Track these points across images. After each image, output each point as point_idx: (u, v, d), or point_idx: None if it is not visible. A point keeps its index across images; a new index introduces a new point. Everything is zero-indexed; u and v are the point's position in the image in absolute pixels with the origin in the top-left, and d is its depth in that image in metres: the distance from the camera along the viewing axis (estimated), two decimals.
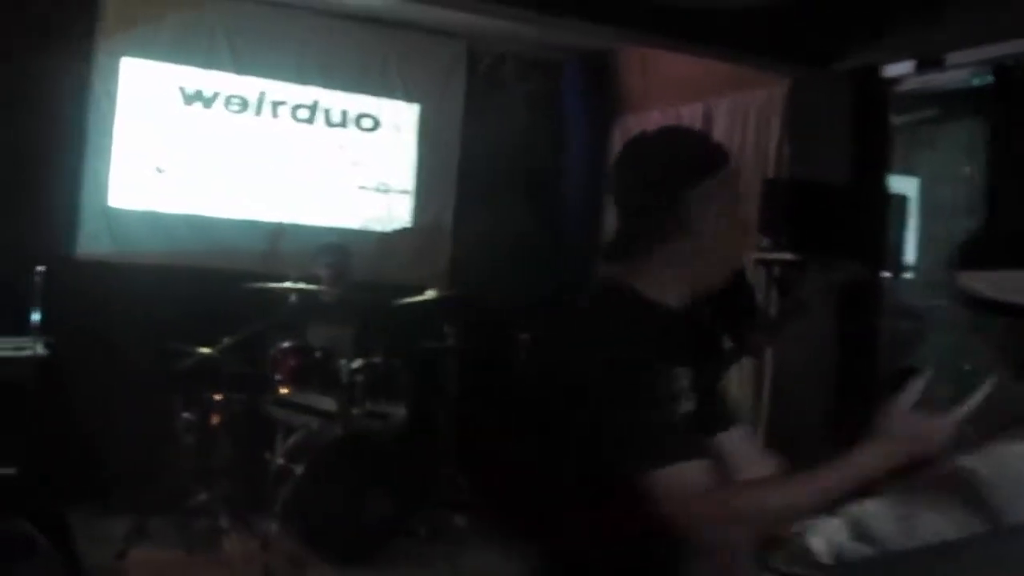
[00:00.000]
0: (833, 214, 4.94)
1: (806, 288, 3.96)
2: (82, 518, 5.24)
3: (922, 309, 7.75)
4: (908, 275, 7.62)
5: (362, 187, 6.61)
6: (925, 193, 7.72)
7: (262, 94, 6.33)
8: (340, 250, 5.76)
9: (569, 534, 2.01)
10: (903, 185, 7.34)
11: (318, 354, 5.30)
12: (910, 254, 7.58)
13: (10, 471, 4.59)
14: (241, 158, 6.28)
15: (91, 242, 5.93)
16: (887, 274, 5.72)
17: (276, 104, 6.37)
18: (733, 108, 5.73)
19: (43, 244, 5.57)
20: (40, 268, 4.72)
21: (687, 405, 1.88)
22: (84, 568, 4.61)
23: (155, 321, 5.48)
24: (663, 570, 1.95)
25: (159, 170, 6.08)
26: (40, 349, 4.87)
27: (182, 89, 6.14)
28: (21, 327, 4.90)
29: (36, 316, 4.71)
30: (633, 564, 1.93)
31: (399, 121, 6.71)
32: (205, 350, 5.04)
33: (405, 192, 6.73)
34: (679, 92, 6.20)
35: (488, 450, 6.05)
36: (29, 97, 5.66)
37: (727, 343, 4.26)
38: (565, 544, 2.02)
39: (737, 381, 5.48)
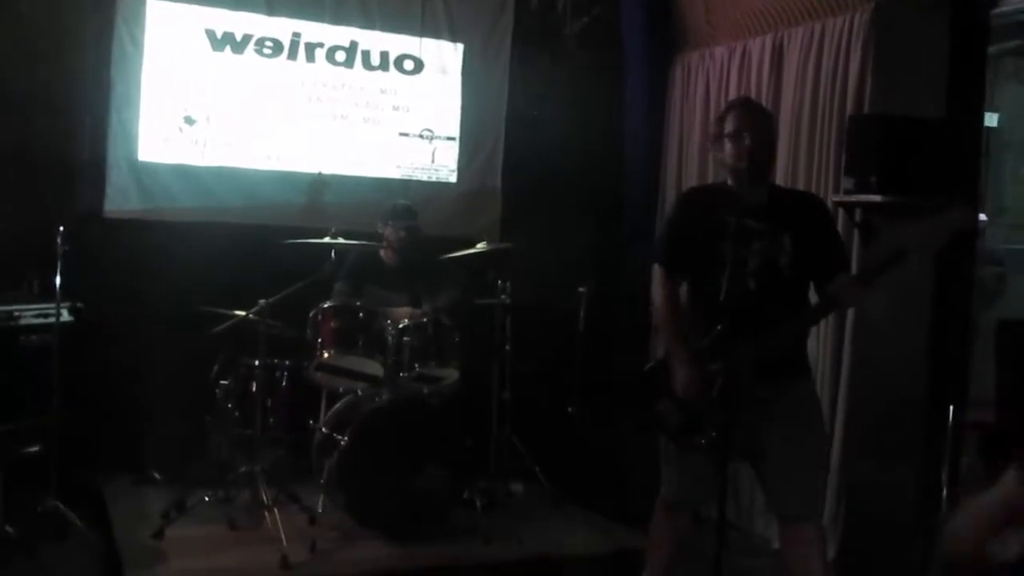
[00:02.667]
0: (926, 152, 4.49)
1: (906, 235, 3.51)
2: (117, 494, 5.00)
3: (1004, 254, 7.29)
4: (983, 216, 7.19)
5: (404, 134, 6.20)
6: (1009, 129, 7.25)
7: (296, 36, 5.93)
8: (414, 214, 5.40)
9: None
10: (987, 121, 6.86)
11: (362, 315, 4.93)
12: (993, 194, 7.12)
13: (35, 449, 4.33)
14: (275, 106, 5.90)
15: (119, 198, 5.59)
16: (983, 217, 5.30)
17: (311, 47, 5.97)
18: (808, 38, 5.24)
19: (68, 202, 5.31)
20: (64, 228, 4.40)
21: None
22: (120, 548, 4.36)
23: (188, 282, 5.16)
24: None
25: (189, 120, 5.71)
26: (66, 315, 4.58)
27: (211, 32, 5.75)
28: (47, 290, 4.61)
29: (61, 278, 4.40)
30: None
31: (444, 63, 6.28)
32: (241, 313, 4.69)
33: (451, 139, 6.32)
34: (747, 23, 5.71)
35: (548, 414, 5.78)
36: (50, 46, 5.36)
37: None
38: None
39: (816, 338, 5.05)
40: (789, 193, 4.20)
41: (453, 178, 6.36)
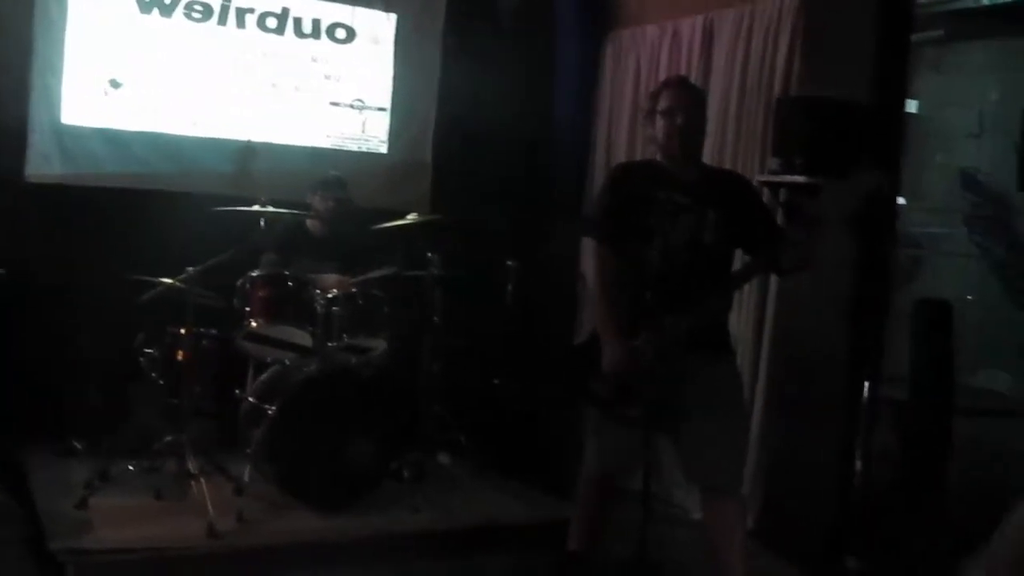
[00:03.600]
0: (849, 135, 4.59)
1: (823, 205, 3.64)
2: (39, 464, 4.91)
3: (921, 237, 7.52)
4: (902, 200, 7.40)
5: (335, 103, 6.15)
6: (926, 117, 7.45)
7: (226, 1, 5.83)
8: (344, 185, 5.37)
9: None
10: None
11: (291, 284, 4.90)
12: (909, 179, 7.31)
13: None
14: (205, 71, 5.80)
15: (41, 162, 5.46)
16: (903, 200, 5.45)
17: (242, 12, 5.87)
18: (738, 20, 5.32)
19: None
20: None
21: None
22: (42, 518, 4.29)
23: (114, 249, 5.09)
24: None
25: (115, 84, 5.60)
26: None
27: None
28: None
29: None
30: None
31: (376, 33, 6.23)
32: (168, 280, 4.63)
33: (382, 109, 6.28)
34: (679, 3, 5.78)
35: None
36: None
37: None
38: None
39: (738, 308, 5.17)
40: (717, 171, 4.29)
41: (384, 149, 6.32)
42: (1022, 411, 6.28)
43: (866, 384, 4.87)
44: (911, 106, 7.43)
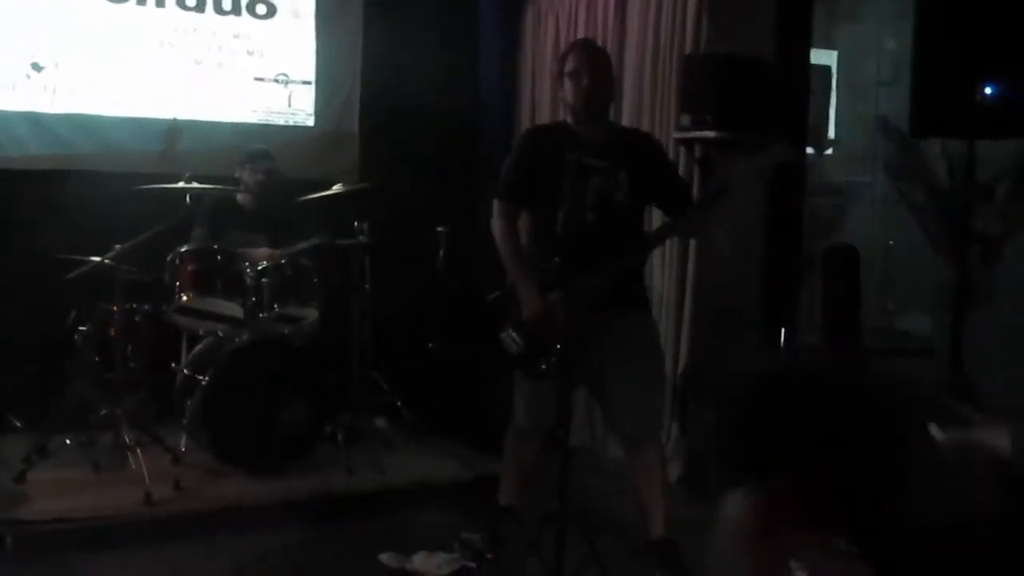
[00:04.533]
0: (756, 89, 4.76)
1: (732, 169, 3.77)
2: None
3: (843, 185, 7.70)
4: (829, 151, 7.57)
5: (259, 79, 6.20)
6: (845, 66, 7.60)
7: None
8: (271, 157, 5.44)
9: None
10: (824, 59, 7.20)
11: (219, 257, 4.99)
12: (831, 129, 7.50)
13: None
14: (127, 51, 5.82)
15: None
16: (811, 150, 5.61)
17: None
18: None
19: None
20: None
21: None
22: None
23: (42, 230, 5.13)
24: None
25: (37, 67, 5.62)
26: None
27: None
28: None
29: None
30: None
31: (297, 7, 6.27)
32: (96, 259, 4.70)
33: (307, 83, 6.33)
34: None
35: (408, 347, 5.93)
36: None
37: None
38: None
39: (660, 267, 5.32)
40: (626, 132, 4.42)
41: (311, 122, 6.37)
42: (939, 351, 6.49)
43: (782, 331, 5.06)
44: (831, 57, 7.59)
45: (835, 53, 7.58)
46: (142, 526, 4.26)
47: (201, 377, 4.80)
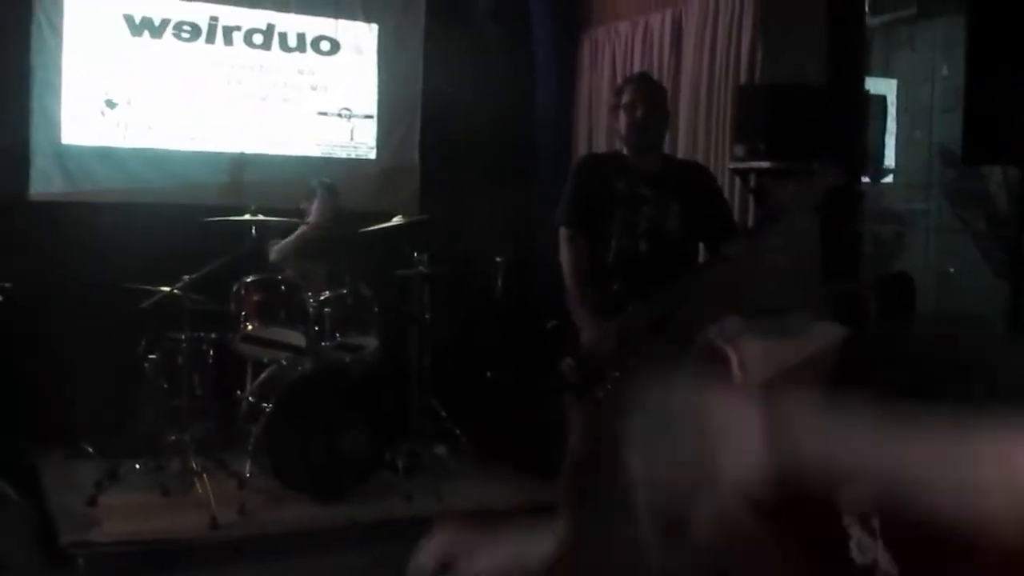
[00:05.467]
0: (811, 119, 4.78)
1: (782, 197, 3.81)
2: (50, 467, 5.15)
3: (902, 213, 7.65)
4: (888, 179, 7.54)
5: (323, 113, 6.38)
6: (904, 94, 7.58)
7: (214, 20, 6.08)
8: (335, 191, 5.58)
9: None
10: (882, 87, 7.19)
11: (283, 287, 5.12)
12: (890, 157, 7.47)
13: None
14: (196, 88, 6.05)
15: (43, 181, 5.73)
16: (867, 179, 5.61)
17: (229, 30, 6.12)
18: (703, 13, 5.51)
19: None
20: None
21: None
22: (55, 515, 4.52)
23: (114, 261, 5.31)
24: None
25: (111, 104, 5.85)
26: None
27: (128, 18, 5.88)
28: None
29: None
30: None
31: (359, 43, 6.46)
32: (166, 288, 4.86)
33: (368, 117, 6.51)
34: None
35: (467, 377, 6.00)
36: None
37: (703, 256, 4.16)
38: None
39: None
40: (679, 162, 4.48)
41: (372, 155, 6.54)
42: None
43: None
44: (889, 85, 7.58)
45: (894, 81, 7.56)
46: (208, 549, 4.37)
47: (265, 404, 4.92)
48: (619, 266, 3.70)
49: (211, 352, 5.18)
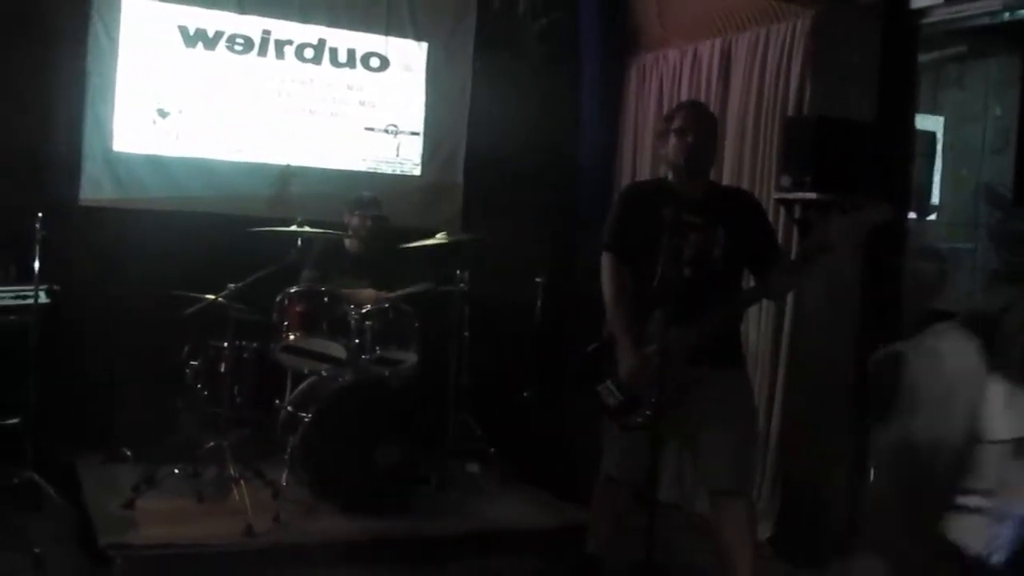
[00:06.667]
0: (858, 152, 4.77)
1: (831, 229, 3.80)
2: (89, 469, 5.21)
3: (945, 251, 7.59)
4: (932, 216, 7.49)
5: (370, 128, 6.44)
6: (951, 132, 7.54)
7: (266, 33, 6.16)
8: (380, 205, 5.64)
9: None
10: (929, 124, 7.16)
11: (326, 299, 5.17)
12: (935, 195, 7.42)
13: (14, 421, 4.53)
14: (246, 100, 6.12)
15: (94, 188, 5.80)
16: (913, 215, 5.57)
17: (281, 44, 6.20)
18: (753, 43, 5.52)
19: (45, 191, 5.46)
20: (41, 215, 4.61)
21: None
22: (93, 517, 4.57)
23: (160, 267, 5.39)
24: None
25: (162, 113, 5.93)
26: (43, 297, 4.79)
27: (183, 29, 5.97)
28: (24, 274, 4.82)
29: (38, 263, 4.61)
30: None
31: (409, 61, 6.52)
32: (210, 296, 4.91)
33: (415, 134, 6.56)
34: (697, 28, 6.00)
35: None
36: (28, 42, 5.54)
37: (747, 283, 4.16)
38: None
39: (755, 325, 5.34)
40: (725, 190, 4.48)
41: (417, 171, 6.59)
42: None
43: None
44: (936, 123, 7.54)
45: (940, 119, 7.53)
46: (242, 556, 4.40)
47: (304, 415, 4.96)
48: (662, 292, 3.70)
49: (252, 361, 5.23)
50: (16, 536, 4.34)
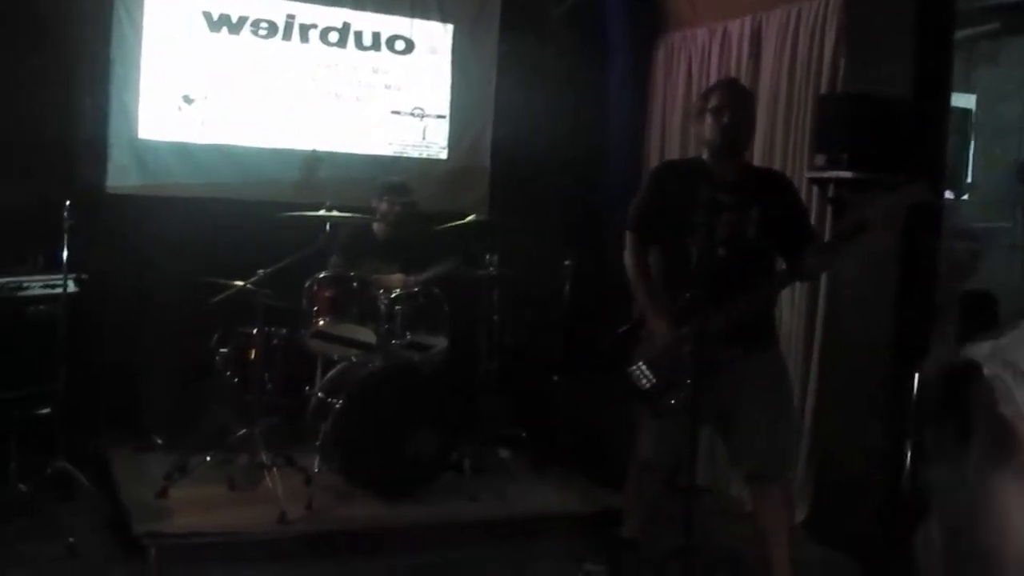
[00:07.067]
0: (894, 130, 4.69)
1: (872, 208, 3.73)
2: (120, 458, 5.21)
3: (978, 230, 7.49)
4: (965, 195, 7.39)
5: (396, 112, 6.39)
6: (984, 110, 7.43)
7: (290, 17, 6.11)
8: (409, 190, 5.60)
9: None
10: (962, 102, 7.05)
11: (355, 284, 5.13)
12: (969, 173, 7.32)
13: (46, 411, 4.53)
14: (271, 85, 6.08)
15: (120, 175, 5.78)
16: (949, 194, 5.49)
17: (305, 28, 6.14)
18: (784, 21, 5.43)
19: (71, 179, 5.44)
20: (69, 203, 4.59)
21: None
22: (126, 506, 4.56)
23: (187, 255, 5.38)
24: None
25: (187, 100, 5.90)
26: (72, 286, 4.77)
27: (207, 14, 5.93)
28: (51, 263, 4.81)
29: (66, 252, 4.59)
30: None
31: (434, 43, 6.47)
32: (239, 283, 4.89)
33: (441, 117, 6.51)
34: (727, 5, 5.91)
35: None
36: (52, 29, 5.51)
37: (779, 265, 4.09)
38: None
39: (789, 305, 5.27)
40: (759, 170, 4.40)
41: (444, 155, 6.54)
42: None
43: (916, 375, 4.94)
44: (969, 100, 7.44)
45: (974, 96, 7.42)
46: (277, 543, 4.38)
47: (334, 401, 4.92)
48: (696, 272, 3.64)
49: (281, 347, 5.19)
50: (50, 525, 4.33)
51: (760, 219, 3.83)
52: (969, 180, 7.29)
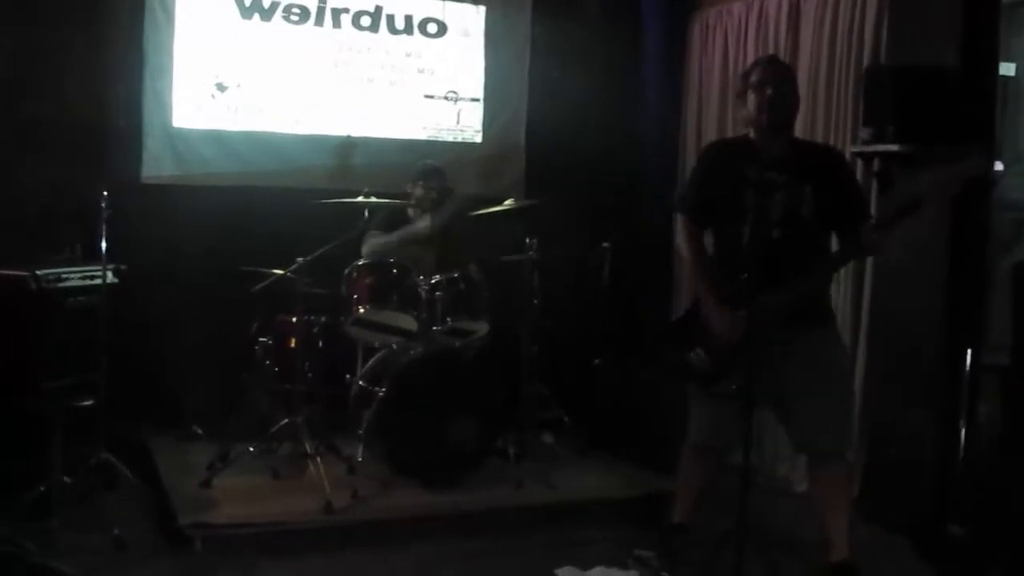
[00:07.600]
0: (942, 101, 4.58)
1: (927, 181, 3.63)
2: (163, 448, 5.19)
3: (1022, 201, 7.35)
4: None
5: (429, 96, 6.33)
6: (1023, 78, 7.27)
7: (322, 2, 6.05)
8: (444, 175, 5.54)
9: None
10: (1001, 71, 6.89)
11: (395, 271, 5.08)
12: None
13: (89, 402, 4.51)
14: (304, 71, 6.03)
15: (155, 165, 5.75)
16: (999, 165, 5.37)
17: (337, 12, 6.08)
18: None
19: (106, 170, 5.39)
20: (106, 193, 4.56)
21: None
22: (170, 497, 4.55)
23: (225, 243, 5.36)
24: None
25: (221, 87, 5.86)
26: (111, 277, 4.74)
27: (239, 1, 5.88)
28: (90, 254, 4.79)
29: (104, 242, 4.56)
30: None
31: (466, 26, 6.39)
32: (278, 271, 4.84)
33: (475, 100, 6.44)
34: None
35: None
36: (85, 18, 5.49)
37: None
38: None
39: (836, 280, 5.18)
40: (809, 146, 4.31)
41: (478, 138, 6.48)
42: None
43: (968, 352, 4.85)
44: (1009, 69, 7.28)
45: (1013, 65, 7.26)
46: (323, 532, 4.35)
47: (376, 388, 4.88)
48: (752, 254, 3.56)
49: (321, 336, 5.15)
50: (95, 517, 4.31)
51: (813, 197, 3.75)
52: (1010, 149, 7.14)
